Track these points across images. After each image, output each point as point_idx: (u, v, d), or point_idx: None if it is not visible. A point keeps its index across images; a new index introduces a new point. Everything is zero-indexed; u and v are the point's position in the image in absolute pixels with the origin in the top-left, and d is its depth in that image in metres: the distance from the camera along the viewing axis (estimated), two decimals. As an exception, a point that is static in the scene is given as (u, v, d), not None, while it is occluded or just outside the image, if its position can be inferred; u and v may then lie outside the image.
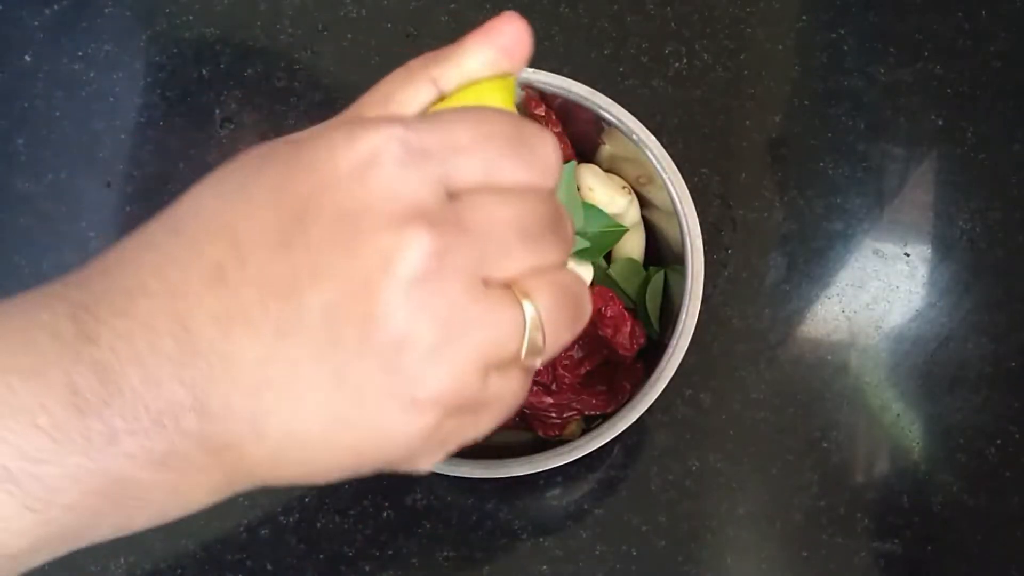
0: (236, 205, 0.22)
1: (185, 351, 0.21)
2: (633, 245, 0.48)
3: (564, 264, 0.24)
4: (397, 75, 0.25)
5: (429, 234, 0.21)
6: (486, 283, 0.22)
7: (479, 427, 0.24)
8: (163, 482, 0.22)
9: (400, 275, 0.21)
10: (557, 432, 0.46)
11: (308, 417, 0.21)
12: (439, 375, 0.21)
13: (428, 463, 0.24)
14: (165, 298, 0.21)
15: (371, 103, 0.25)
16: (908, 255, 0.55)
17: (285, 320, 0.21)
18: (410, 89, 0.25)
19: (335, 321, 0.21)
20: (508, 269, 0.22)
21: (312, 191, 0.21)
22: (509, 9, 0.27)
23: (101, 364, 0.21)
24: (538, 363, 0.24)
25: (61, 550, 0.23)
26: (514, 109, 0.26)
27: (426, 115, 0.24)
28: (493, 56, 0.26)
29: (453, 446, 0.24)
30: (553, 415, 0.45)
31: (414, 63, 0.25)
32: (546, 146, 0.24)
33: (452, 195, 0.22)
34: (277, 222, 0.21)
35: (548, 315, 0.23)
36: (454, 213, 0.22)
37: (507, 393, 0.24)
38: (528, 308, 0.23)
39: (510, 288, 0.23)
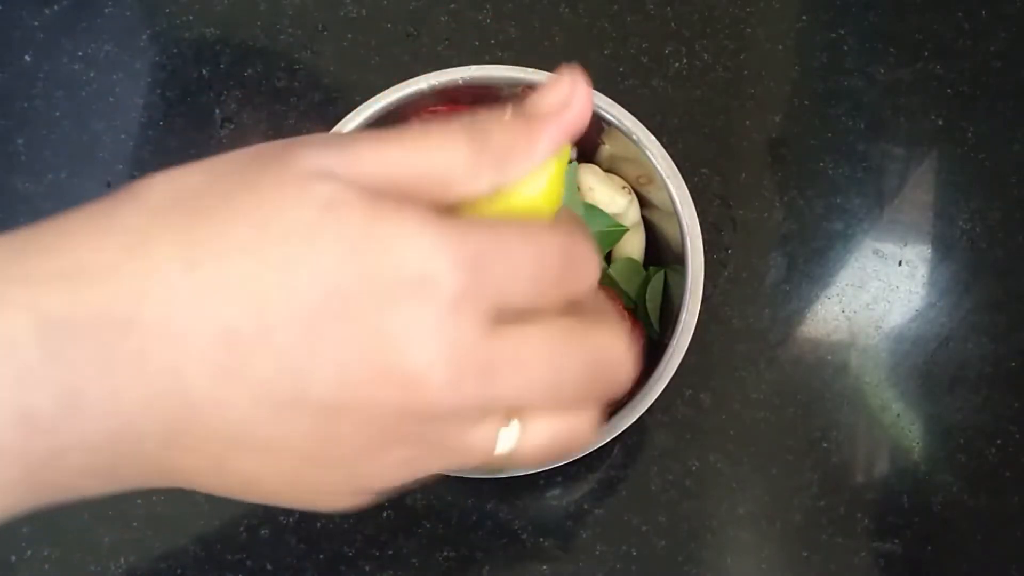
0: (273, 272, 0.20)
1: (170, 394, 0.20)
2: (633, 245, 0.48)
3: (592, 406, 0.24)
4: (466, 163, 0.23)
5: (454, 385, 0.21)
6: (493, 413, 0.22)
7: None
8: (99, 486, 0.22)
9: (408, 409, 0.21)
10: (557, 432, 0.46)
11: (271, 476, 0.23)
12: (398, 477, 0.23)
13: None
14: (163, 341, 0.20)
15: (432, 177, 0.22)
16: (908, 255, 0.55)
17: (286, 399, 0.21)
18: (471, 190, 0.23)
19: (332, 419, 0.21)
20: (518, 405, 0.23)
21: (363, 297, 0.20)
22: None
23: (65, 384, 0.19)
24: None
25: None
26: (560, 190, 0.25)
27: (492, 233, 0.22)
28: (563, 142, 0.24)
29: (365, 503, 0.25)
30: (553, 415, 0.45)
31: (485, 156, 0.23)
32: (591, 260, 0.23)
33: (496, 318, 0.21)
34: (315, 309, 0.20)
35: (527, 448, 0.23)
36: (490, 353, 0.21)
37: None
38: (508, 440, 0.23)
39: (503, 415, 0.23)
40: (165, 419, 0.20)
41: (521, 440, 0.23)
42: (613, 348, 0.23)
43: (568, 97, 0.25)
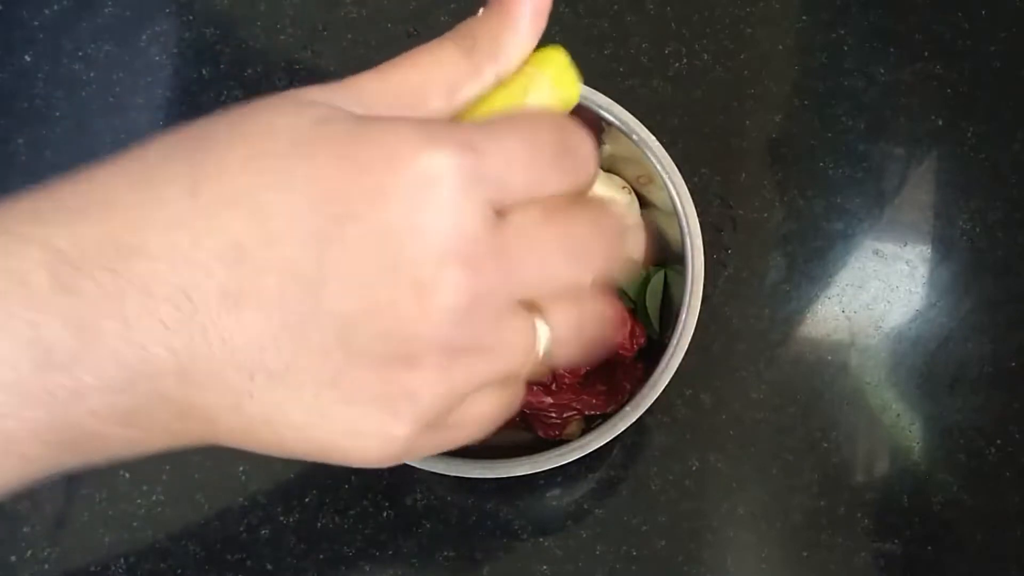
0: (271, 181, 0.20)
1: (182, 320, 0.20)
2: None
3: (601, 274, 0.24)
4: (461, 64, 0.23)
5: (468, 277, 0.20)
6: (520, 307, 0.22)
7: (454, 442, 0.24)
8: (124, 436, 0.21)
9: (429, 309, 0.20)
10: (557, 432, 0.46)
11: (292, 407, 0.21)
12: (433, 400, 0.21)
13: (387, 465, 0.24)
14: (170, 264, 0.20)
15: (434, 86, 0.23)
16: (908, 255, 0.55)
17: (300, 314, 0.20)
18: (477, 86, 0.24)
19: (351, 330, 0.20)
20: (541, 291, 0.22)
21: (361, 196, 0.20)
22: None
23: (77, 317, 0.19)
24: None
25: (7, 489, 0.22)
26: (575, 86, 0.25)
27: (482, 125, 0.22)
28: (542, 11, 0.24)
29: (418, 457, 0.24)
30: (553, 415, 0.45)
31: (477, 52, 0.23)
32: (587, 146, 0.23)
33: (499, 212, 0.21)
34: (316, 216, 0.20)
35: (561, 343, 0.23)
36: (499, 241, 0.21)
37: (495, 407, 0.24)
38: (543, 336, 0.22)
39: (532, 311, 0.22)
40: (178, 348, 0.20)
41: (554, 331, 0.23)
42: (613, 226, 0.24)
43: None
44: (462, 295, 0.20)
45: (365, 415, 0.21)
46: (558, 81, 0.25)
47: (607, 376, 0.46)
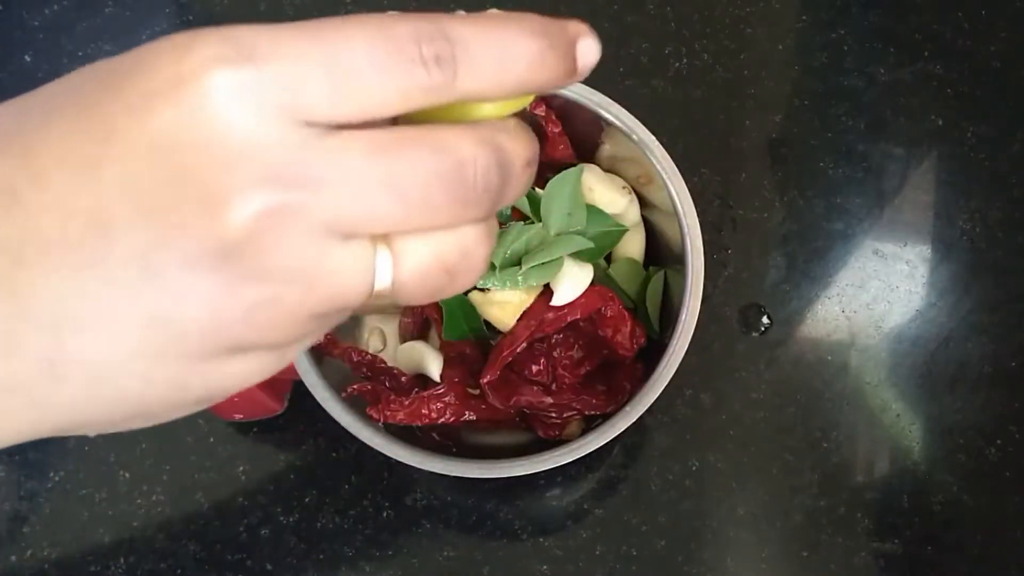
0: (36, 124, 0.19)
1: None
2: (633, 245, 0.48)
3: (469, 222, 0.21)
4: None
5: (264, 187, 0.18)
6: (342, 234, 0.19)
7: (294, 353, 0.22)
8: None
9: (228, 226, 0.18)
10: (557, 432, 0.46)
11: (121, 355, 0.19)
12: (267, 321, 0.19)
13: (246, 387, 0.21)
14: None
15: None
16: (908, 255, 0.55)
17: (93, 252, 0.18)
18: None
19: (152, 260, 0.18)
20: (371, 227, 0.20)
21: (127, 112, 0.18)
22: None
23: None
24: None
25: None
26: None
27: (271, 27, 0.20)
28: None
29: (272, 372, 0.21)
30: (553, 415, 0.45)
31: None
32: (417, 43, 0.19)
33: (309, 124, 0.19)
34: (83, 141, 0.18)
35: (408, 282, 0.20)
36: (305, 158, 0.19)
37: (331, 324, 0.22)
38: (384, 269, 0.20)
39: (371, 241, 0.20)
40: None
41: (398, 265, 0.20)
42: (470, 148, 0.20)
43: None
44: (260, 201, 0.18)
45: (201, 345, 0.19)
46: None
47: (607, 376, 0.46)
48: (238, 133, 0.18)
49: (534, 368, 0.45)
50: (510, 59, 0.20)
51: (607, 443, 0.41)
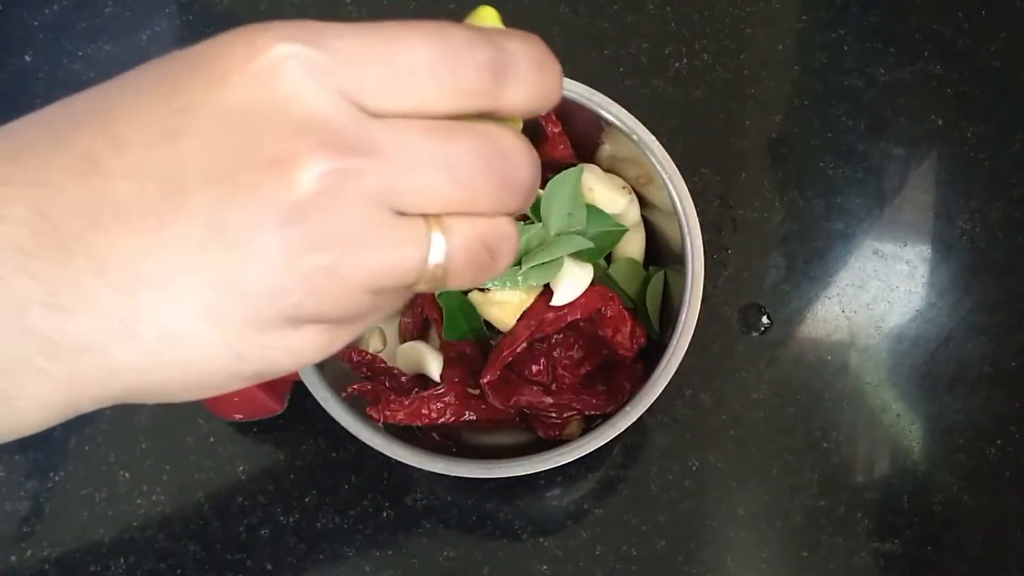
0: (116, 98, 0.20)
1: (41, 243, 0.19)
2: (633, 245, 0.48)
3: (505, 212, 0.22)
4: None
5: (328, 149, 0.19)
6: (399, 211, 0.20)
7: (348, 336, 0.23)
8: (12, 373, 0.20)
9: (294, 184, 0.19)
10: (557, 432, 0.46)
11: (188, 316, 0.20)
12: (326, 289, 0.20)
13: (309, 363, 0.22)
14: (21, 187, 0.19)
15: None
16: (908, 255, 0.55)
17: (166, 213, 0.19)
18: None
19: (222, 220, 0.19)
20: (425, 205, 0.21)
21: (204, 87, 0.20)
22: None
23: None
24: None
25: None
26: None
27: (337, 23, 0.21)
28: None
29: (335, 349, 0.22)
30: (553, 415, 0.45)
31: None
32: (474, 54, 0.21)
33: (371, 113, 0.20)
34: (162, 115, 0.20)
35: (454, 262, 0.21)
36: (365, 133, 0.20)
37: (391, 307, 0.23)
38: (436, 248, 0.21)
39: (427, 220, 0.21)
40: (40, 273, 0.19)
41: (449, 245, 0.21)
42: (510, 142, 0.22)
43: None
44: (325, 164, 0.19)
45: (264, 310, 0.20)
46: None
47: (607, 376, 0.46)
48: (305, 105, 0.19)
49: (534, 368, 0.45)
50: (548, 80, 0.22)
51: (607, 443, 0.41)
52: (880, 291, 0.54)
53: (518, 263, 0.42)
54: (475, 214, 0.22)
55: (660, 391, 0.42)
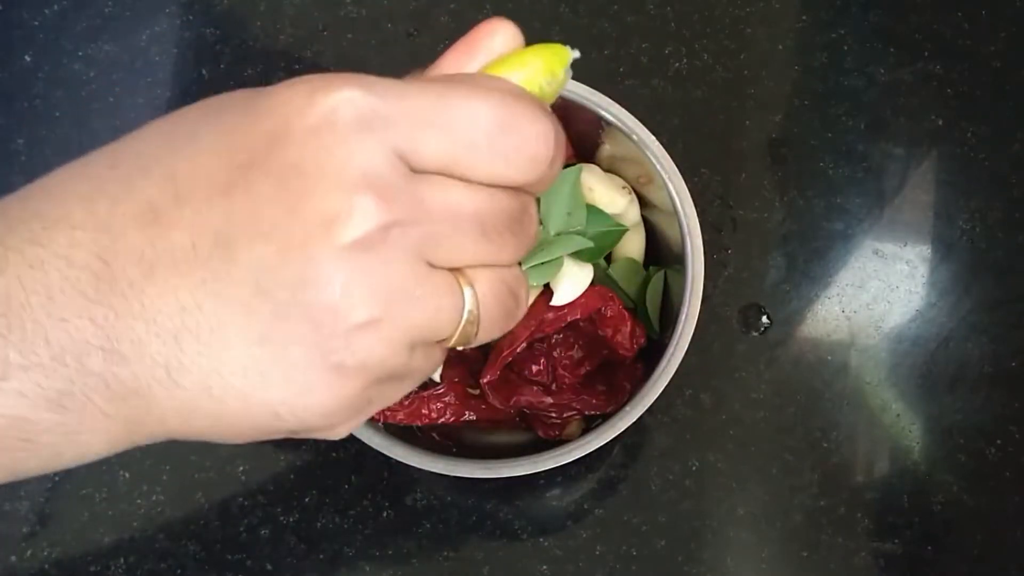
0: (181, 147, 0.21)
1: (102, 288, 0.20)
2: (633, 245, 0.48)
3: (516, 263, 0.24)
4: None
5: (377, 205, 0.20)
6: (432, 265, 0.21)
7: (394, 396, 0.23)
8: (56, 425, 0.20)
9: (341, 242, 0.20)
10: (557, 432, 0.46)
11: (228, 370, 0.20)
12: (369, 346, 0.21)
13: (344, 431, 0.23)
14: (88, 231, 0.20)
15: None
16: (908, 255, 0.55)
17: (215, 269, 0.20)
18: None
19: (268, 277, 0.20)
20: (458, 259, 0.22)
21: (263, 142, 0.20)
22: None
23: (2, 293, 0.19)
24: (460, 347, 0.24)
25: None
26: (555, 76, 0.25)
27: (409, 80, 0.22)
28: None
29: (368, 414, 0.23)
30: (553, 415, 0.45)
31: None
32: (536, 138, 0.23)
33: (417, 171, 0.21)
34: (221, 168, 0.20)
35: (486, 309, 0.23)
36: (411, 189, 0.21)
37: (427, 367, 0.24)
38: (469, 298, 0.22)
39: (455, 274, 0.22)
40: (100, 319, 0.20)
41: (480, 298, 0.22)
42: (531, 200, 0.24)
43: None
44: (373, 221, 0.20)
45: (305, 372, 0.20)
46: (547, 67, 0.25)
47: (607, 376, 0.46)
48: (359, 164, 0.20)
49: (534, 368, 0.45)
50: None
51: (607, 443, 0.41)
52: (880, 291, 0.54)
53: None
54: (496, 264, 0.23)
55: (660, 391, 0.42)
